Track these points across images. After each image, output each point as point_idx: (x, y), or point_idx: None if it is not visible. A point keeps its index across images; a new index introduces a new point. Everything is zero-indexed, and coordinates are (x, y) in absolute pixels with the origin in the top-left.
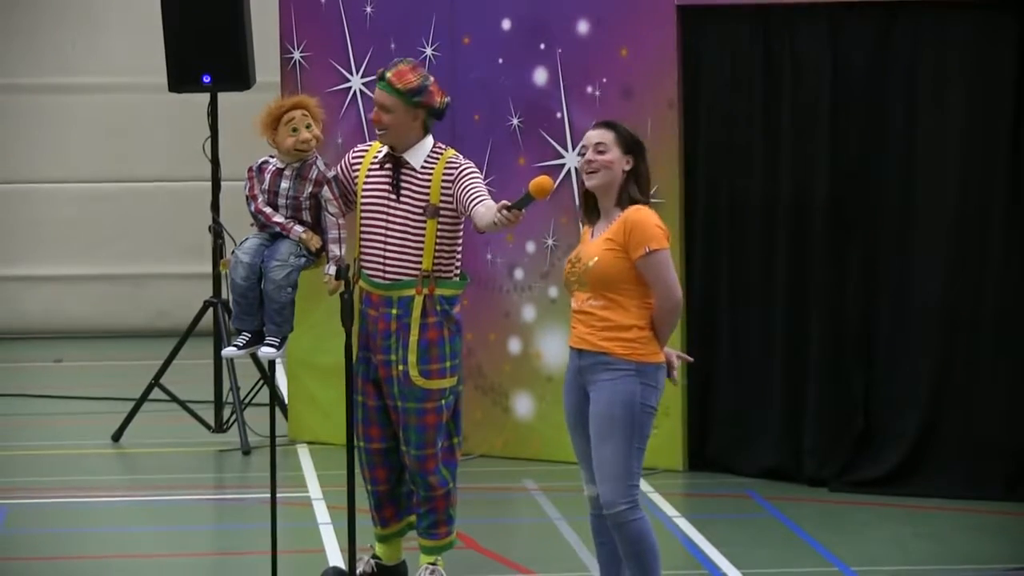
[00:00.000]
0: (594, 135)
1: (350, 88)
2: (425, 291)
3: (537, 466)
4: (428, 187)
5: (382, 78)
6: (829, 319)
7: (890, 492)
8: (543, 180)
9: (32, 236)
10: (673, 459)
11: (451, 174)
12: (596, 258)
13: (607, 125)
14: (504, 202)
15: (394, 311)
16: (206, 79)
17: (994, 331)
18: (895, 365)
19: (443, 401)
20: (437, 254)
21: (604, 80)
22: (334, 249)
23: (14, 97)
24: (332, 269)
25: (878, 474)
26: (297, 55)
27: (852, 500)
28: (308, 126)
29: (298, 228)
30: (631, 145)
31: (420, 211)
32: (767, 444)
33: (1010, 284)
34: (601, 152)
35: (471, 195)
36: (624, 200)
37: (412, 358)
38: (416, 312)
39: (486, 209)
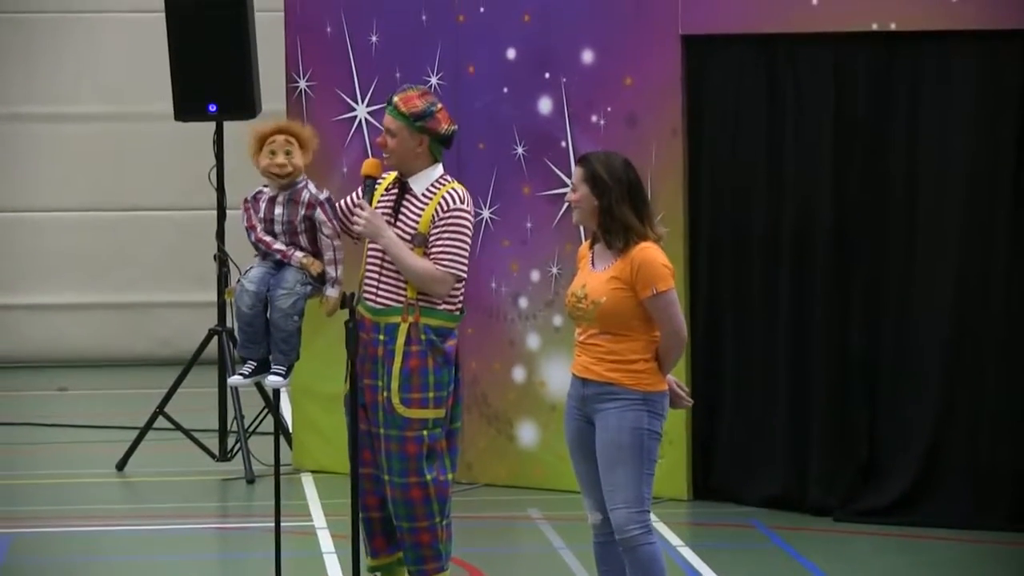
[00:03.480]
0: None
1: (355, 117)
2: (411, 319)
3: (541, 495)
4: (421, 215)
5: (390, 102)
6: (833, 348)
7: (895, 521)
8: (367, 161)
9: (36, 265)
10: (677, 488)
11: (439, 213)
12: (604, 298)
13: (581, 160)
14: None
15: (381, 337)
16: (212, 108)
17: (997, 360)
18: (899, 394)
19: (425, 432)
20: None
21: (608, 109)
22: (330, 271)
23: (17, 126)
24: (330, 291)
25: (883, 503)
26: (303, 84)
27: (857, 529)
28: (288, 152)
29: (298, 254)
30: (596, 182)
31: (410, 238)
32: (771, 473)
33: (1013, 313)
34: (573, 189)
35: (432, 249)
36: (615, 234)
37: (394, 385)
38: (400, 339)
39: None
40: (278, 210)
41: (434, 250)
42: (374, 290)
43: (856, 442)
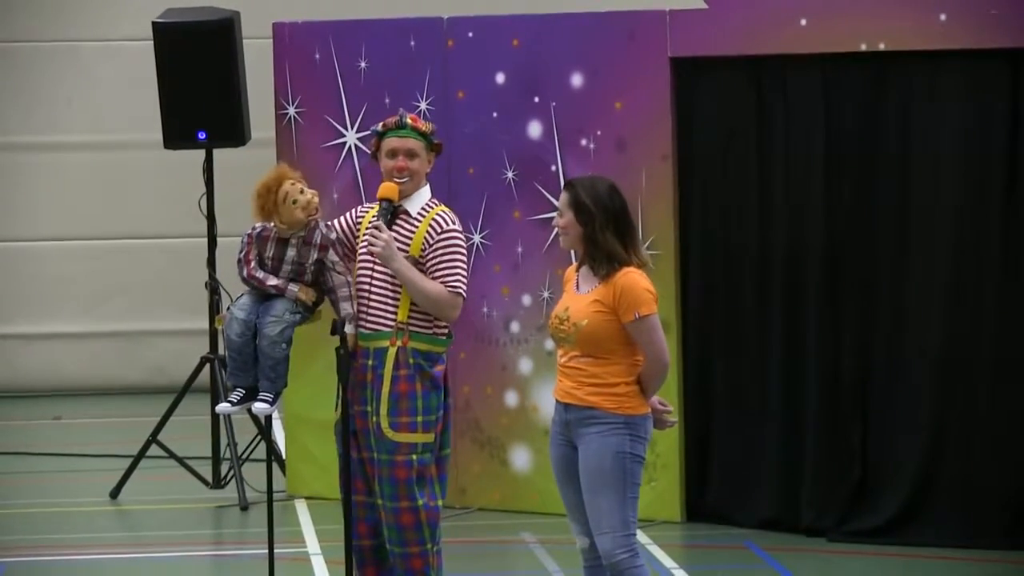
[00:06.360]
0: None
1: (345, 143)
2: (399, 343)
3: (535, 519)
4: (412, 238)
5: (402, 126)
6: (825, 369)
7: (888, 542)
8: (384, 185)
9: (29, 294)
10: (671, 510)
11: (432, 236)
12: (586, 320)
13: (567, 186)
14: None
15: (370, 362)
16: (201, 136)
17: (991, 380)
18: (892, 415)
19: (414, 456)
20: (413, 306)
21: (598, 133)
22: (347, 307)
23: (9, 155)
24: (349, 327)
25: (876, 524)
26: (292, 111)
27: (850, 550)
28: (302, 191)
29: (293, 288)
30: (581, 209)
31: None
32: (765, 495)
33: (1006, 333)
34: (560, 215)
35: (435, 273)
36: (599, 261)
37: (383, 409)
38: (389, 364)
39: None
40: (291, 252)
41: (437, 275)
42: (363, 315)
43: (849, 463)
